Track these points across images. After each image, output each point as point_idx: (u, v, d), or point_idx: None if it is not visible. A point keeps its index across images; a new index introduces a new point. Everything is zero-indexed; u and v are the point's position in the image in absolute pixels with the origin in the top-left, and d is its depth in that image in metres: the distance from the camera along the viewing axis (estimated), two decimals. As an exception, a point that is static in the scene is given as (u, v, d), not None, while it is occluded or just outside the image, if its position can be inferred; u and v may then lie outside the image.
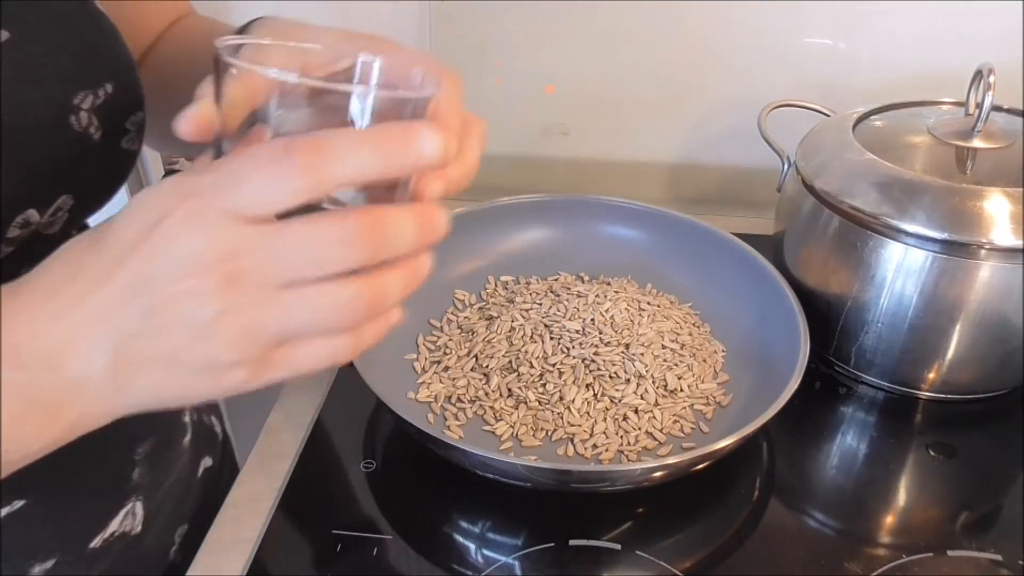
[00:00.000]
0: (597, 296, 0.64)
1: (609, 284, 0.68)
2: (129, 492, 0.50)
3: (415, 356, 0.62)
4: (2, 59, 0.35)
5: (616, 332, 0.61)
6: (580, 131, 0.88)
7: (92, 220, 0.50)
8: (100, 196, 0.43)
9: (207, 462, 0.60)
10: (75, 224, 0.43)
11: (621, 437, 0.55)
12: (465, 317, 0.65)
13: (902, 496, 0.55)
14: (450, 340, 0.63)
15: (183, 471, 0.55)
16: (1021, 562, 0.49)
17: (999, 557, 0.50)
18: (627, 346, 0.60)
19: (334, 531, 0.51)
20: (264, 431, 0.59)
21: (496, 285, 0.69)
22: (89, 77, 0.38)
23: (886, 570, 0.49)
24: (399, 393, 0.58)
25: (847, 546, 0.51)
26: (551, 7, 0.81)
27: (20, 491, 0.43)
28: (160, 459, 0.52)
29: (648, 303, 0.65)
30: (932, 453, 0.58)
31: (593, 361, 0.59)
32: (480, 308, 0.66)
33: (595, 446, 0.54)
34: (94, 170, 0.40)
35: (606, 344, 0.60)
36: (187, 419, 0.55)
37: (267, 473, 0.55)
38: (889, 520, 0.53)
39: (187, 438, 0.55)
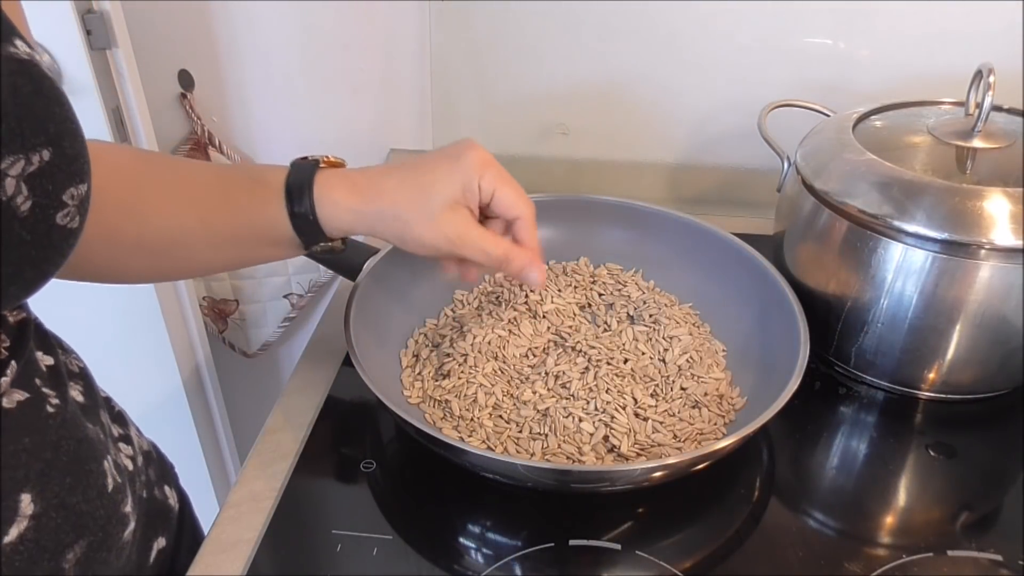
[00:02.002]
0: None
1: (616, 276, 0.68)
2: None
3: (412, 355, 0.62)
4: None
5: (615, 331, 0.61)
6: (580, 131, 0.88)
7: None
8: (29, 278, 0.37)
9: (160, 543, 0.55)
10: None
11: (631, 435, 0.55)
12: (462, 315, 0.65)
13: (902, 496, 0.55)
14: (443, 339, 0.63)
15: (129, 564, 0.50)
16: (1021, 562, 0.49)
17: (999, 557, 0.50)
18: (626, 345, 0.60)
19: (334, 531, 0.51)
20: (264, 431, 0.59)
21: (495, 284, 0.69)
22: (21, 141, 0.35)
23: (886, 570, 0.49)
24: (398, 393, 0.59)
25: (847, 546, 0.51)
26: (551, 7, 0.81)
27: None
28: (94, 560, 0.45)
29: (653, 300, 0.65)
30: (932, 453, 0.58)
31: (594, 359, 0.59)
32: (478, 307, 0.66)
33: (607, 442, 0.54)
34: (19, 247, 0.36)
35: (607, 343, 0.60)
36: (128, 508, 0.49)
37: (267, 473, 0.55)
38: (889, 520, 0.53)
39: (129, 528, 0.49)
